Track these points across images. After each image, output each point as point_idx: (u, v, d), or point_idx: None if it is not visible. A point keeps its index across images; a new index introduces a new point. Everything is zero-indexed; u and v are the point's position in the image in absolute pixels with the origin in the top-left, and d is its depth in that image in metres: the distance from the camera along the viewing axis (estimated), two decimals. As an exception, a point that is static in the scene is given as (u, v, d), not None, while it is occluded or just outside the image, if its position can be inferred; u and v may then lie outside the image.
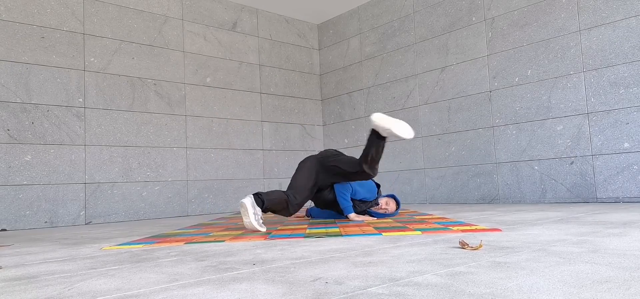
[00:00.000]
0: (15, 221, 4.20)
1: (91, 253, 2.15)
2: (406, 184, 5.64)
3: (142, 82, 5.10)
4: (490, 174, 4.83)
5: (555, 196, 4.33)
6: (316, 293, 1.12)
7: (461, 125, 5.10)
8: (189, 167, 5.37)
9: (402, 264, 1.45)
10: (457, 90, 5.15)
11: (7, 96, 4.26)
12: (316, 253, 1.77)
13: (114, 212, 4.77)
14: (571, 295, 0.99)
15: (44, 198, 4.37)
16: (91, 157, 4.68)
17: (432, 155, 5.39)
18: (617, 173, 3.98)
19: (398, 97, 5.77)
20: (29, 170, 4.31)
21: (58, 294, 1.25)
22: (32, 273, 1.63)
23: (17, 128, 4.28)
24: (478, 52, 4.97)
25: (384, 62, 5.96)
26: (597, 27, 4.14)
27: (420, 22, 5.56)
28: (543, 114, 4.44)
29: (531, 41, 4.54)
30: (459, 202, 5.09)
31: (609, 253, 1.49)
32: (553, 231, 2.12)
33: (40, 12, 4.51)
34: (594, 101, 4.13)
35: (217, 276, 1.40)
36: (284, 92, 6.41)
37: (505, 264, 1.36)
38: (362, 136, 6.19)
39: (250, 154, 5.95)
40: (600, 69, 4.10)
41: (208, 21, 5.72)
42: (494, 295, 1.02)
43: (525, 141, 4.57)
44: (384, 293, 1.09)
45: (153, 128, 5.13)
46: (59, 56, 4.58)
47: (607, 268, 1.24)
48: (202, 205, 5.43)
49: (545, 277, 1.17)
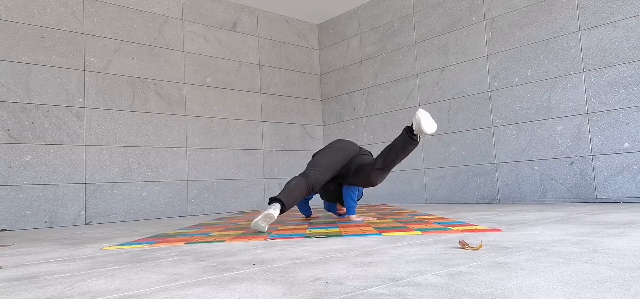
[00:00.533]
0: (15, 221, 4.20)
1: (91, 253, 2.15)
2: (406, 184, 5.64)
3: (142, 82, 5.10)
4: (490, 174, 4.83)
5: (555, 196, 4.33)
6: (316, 293, 1.12)
7: (461, 125, 5.10)
8: (189, 167, 5.37)
9: (402, 264, 1.45)
10: (457, 90, 5.15)
11: (7, 96, 4.26)
12: (316, 253, 1.77)
13: (114, 212, 4.77)
14: (571, 295, 0.99)
15: (44, 198, 4.37)
16: (91, 157, 4.68)
17: (432, 155, 5.39)
18: (617, 173, 3.98)
19: (398, 97, 5.76)
20: (29, 170, 4.31)
21: (58, 294, 1.25)
22: (32, 273, 1.63)
23: (17, 128, 4.28)
24: (478, 52, 4.97)
25: (384, 62, 5.96)
26: (597, 27, 4.14)
27: (420, 22, 5.56)
28: (543, 114, 4.44)
29: (531, 41, 4.54)
30: (459, 202, 5.09)
31: (609, 253, 1.49)
32: (553, 231, 2.12)
33: (40, 12, 4.51)
34: (594, 101, 4.13)
35: (217, 276, 1.40)
36: (284, 92, 6.41)
37: (505, 265, 1.36)
38: (362, 135, 6.20)
39: (250, 154, 5.95)
40: (600, 69, 4.10)
41: (208, 21, 5.73)
42: (494, 295, 1.02)
43: (525, 141, 4.57)
44: (384, 293, 1.09)
45: (153, 128, 5.13)
46: (59, 56, 4.58)
47: (607, 268, 1.24)
48: (202, 205, 5.43)
49: (546, 277, 1.17)
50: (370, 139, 6.08)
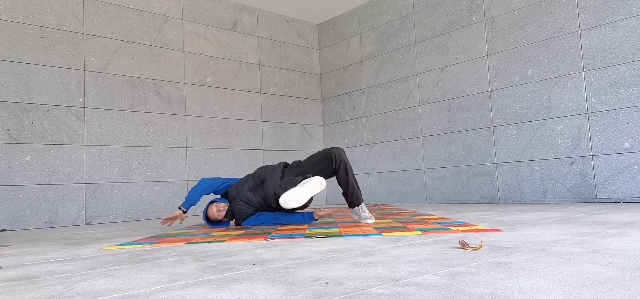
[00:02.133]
0: (15, 221, 4.20)
1: (91, 253, 2.15)
2: (406, 185, 5.64)
3: (142, 82, 5.10)
4: (491, 174, 4.83)
5: (556, 196, 4.33)
6: (316, 293, 1.12)
7: (461, 125, 5.10)
8: (189, 167, 5.37)
9: (402, 265, 1.44)
10: (457, 90, 5.15)
11: (7, 96, 4.26)
12: (316, 253, 1.77)
13: (114, 212, 4.77)
14: (571, 295, 0.99)
15: (44, 198, 4.37)
16: (91, 157, 4.68)
17: (432, 155, 5.38)
18: (618, 173, 3.98)
19: (398, 97, 5.76)
20: (28, 170, 4.31)
21: (58, 294, 1.25)
22: (32, 273, 1.62)
23: (17, 128, 4.28)
24: (478, 52, 4.97)
25: (384, 62, 5.96)
26: (597, 27, 4.14)
27: (420, 21, 5.56)
28: (543, 114, 4.44)
29: (531, 41, 4.54)
30: (459, 202, 5.09)
31: (609, 253, 1.49)
32: (553, 231, 2.12)
33: (40, 12, 4.51)
34: (594, 101, 4.12)
35: (217, 276, 1.40)
36: (284, 92, 6.41)
37: (505, 265, 1.36)
38: (362, 135, 6.20)
39: (250, 154, 5.95)
40: (601, 69, 4.10)
41: (208, 21, 5.72)
42: (494, 295, 1.02)
43: (525, 141, 4.56)
44: (384, 293, 1.09)
45: (153, 128, 5.12)
46: (59, 56, 4.58)
47: (607, 268, 1.24)
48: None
49: (546, 277, 1.17)
50: (370, 139, 6.08)
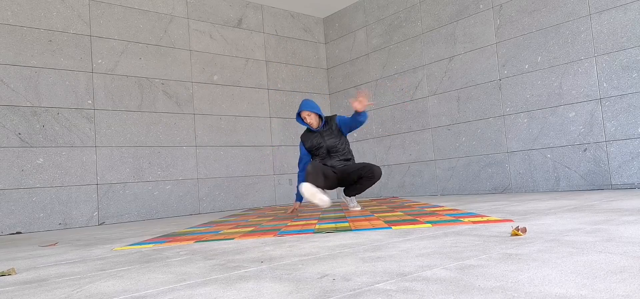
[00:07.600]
0: (29, 223, 4.26)
1: (102, 254, 2.16)
2: (417, 177, 5.60)
3: (150, 83, 5.12)
4: (502, 163, 4.77)
5: (569, 184, 4.27)
6: (323, 290, 1.11)
7: (471, 115, 5.04)
8: (199, 165, 5.39)
9: (411, 259, 1.42)
10: (466, 79, 5.09)
11: (17, 100, 4.30)
12: (325, 249, 1.76)
13: (127, 212, 4.81)
14: (584, 286, 0.96)
15: (57, 200, 4.41)
16: (102, 158, 4.71)
17: (442, 146, 5.34)
18: (632, 159, 3.90)
19: (406, 89, 5.72)
20: (41, 173, 4.36)
21: (66, 296, 1.25)
22: (43, 276, 1.64)
23: (28, 132, 4.33)
24: (486, 40, 4.90)
25: (391, 54, 5.91)
26: (608, 10, 4.05)
27: (426, 11, 5.50)
28: (554, 101, 4.37)
29: (541, 27, 4.46)
30: (471, 193, 5.04)
31: (623, 241, 1.45)
32: (566, 220, 2.08)
33: (46, 15, 4.54)
34: (607, 85, 4.04)
35: (224, 275, 1.40)
36: (292, 88, 6.39)
37: (516, 256, 1.33)
38: (371, 128, 6.16)
39: (259, 151, 5.96)
40: (612, 53, 4.01)
41: (213, 19, 5.72)
42: (505, 289, 0.99)
43: (536, 129, 4.50)
44: (392, 288, 1.07)
45: (162, 128, 5.15)
46: (67, 59, 4.61)
47: (622, 257, 1.21)
48: (214, 203, 5.45)
49: (558, 268, 1.14)
50: (379, 132, 6.04)
